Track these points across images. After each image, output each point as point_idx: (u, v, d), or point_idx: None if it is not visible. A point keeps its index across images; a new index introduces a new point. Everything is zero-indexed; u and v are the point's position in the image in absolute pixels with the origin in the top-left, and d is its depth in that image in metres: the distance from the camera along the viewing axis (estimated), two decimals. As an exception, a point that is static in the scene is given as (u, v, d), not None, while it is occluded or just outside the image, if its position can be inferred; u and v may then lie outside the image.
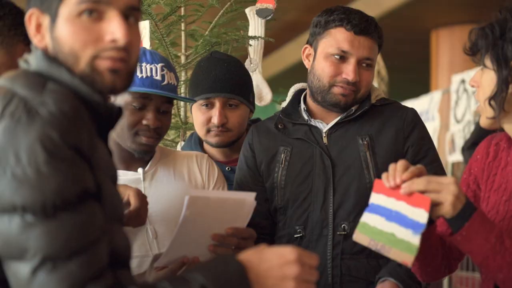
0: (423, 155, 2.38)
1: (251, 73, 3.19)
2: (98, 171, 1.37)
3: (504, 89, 1.76)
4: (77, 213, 1.29)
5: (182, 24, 3.43)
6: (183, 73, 3.40)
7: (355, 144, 2.43)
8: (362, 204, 2.34)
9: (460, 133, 7.04)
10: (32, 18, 1.45)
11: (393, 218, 1.68)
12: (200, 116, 2.68)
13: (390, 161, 2.34)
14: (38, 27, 1.45)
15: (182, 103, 3.41)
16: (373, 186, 1.73)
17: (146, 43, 3.03)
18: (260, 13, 3.19)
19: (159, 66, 2.29)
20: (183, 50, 3.43)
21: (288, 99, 2.64)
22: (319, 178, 2.43)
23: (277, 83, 2.57)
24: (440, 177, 1.70)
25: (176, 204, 2.30)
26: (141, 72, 2.25)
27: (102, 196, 1.37)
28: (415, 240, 1.65)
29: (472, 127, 5.85)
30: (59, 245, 1.27)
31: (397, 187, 1.69)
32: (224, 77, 2.65)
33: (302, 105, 2.54)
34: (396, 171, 1.70)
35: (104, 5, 1.41)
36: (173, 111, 3.42)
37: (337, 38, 2.41)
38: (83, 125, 1.36)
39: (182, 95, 3.29)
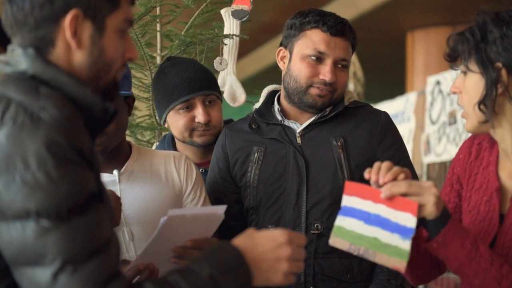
0: (396, 159, 2.37)
1: (225, 75, 3.19)
2: (98, 174, 1.39)
3: (493, 91, 1.76)
4: (89, 215, 1.31)
5: (158, 25, 3.41)
6: (158, 74, 3.37)
7: (328, 145, 2.44)
8: (335, 205, 2.37)
9: (435, 134, 7.09)
10: (74, 21, 1.43)
11: (373, 222, 1.66)
12: (181, 120, 2.66)
13: (363, 163, 2.38)
14: (78, 31, 1.44)
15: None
16: (344, 188, 1.71)
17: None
18: (235, 14, 3.18)
19: None
20: (158, 51, 3.41)
21: (261, 100, 2.65)
22: (293, 178, 2.43)
23: (253, 84, 2.57)
24: (419, 181, 1.71)
25: (153, 205, 2.29)
26: None
27: (103, 198, 1.39)
28: (405, 245, 1.63)
29: (447, 129, 5.88)
30: (77, 248, 1.28)
31: (374, 189, 1.69)
32: (197, 76, 2.65)
33: (276, 106, 2.54)
34: (381, 170, 1.70)
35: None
36: (148, 112, 3.41)
37: (313, 39, 2.42)
38: (83, 129, 1.38)
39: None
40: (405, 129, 7.57)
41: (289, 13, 2.70)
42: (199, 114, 2.64)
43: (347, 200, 1.69)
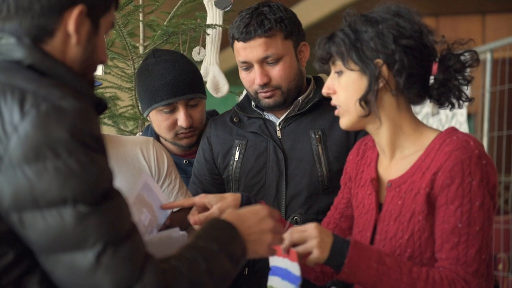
0: None
1: (208, 65, 3.17)
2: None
3: (375, 86, 1.84)
4: (117, 199, 1.38)
5: (140, 15, 3.39)
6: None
7: (307, 138, 2.45)
8: (313, 197, 2.41)
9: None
10: (79, 17, 1.46)
11: (285, 276, 1.79)
12: (164, 122, 2.65)
13: (341, 155, 2.39)
14: (81, 27, 1.47)
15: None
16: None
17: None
18: (218, 4, 3.17)
19: None
20: (141, 41, 3.39)
21: (245, 91, 2.65)
22: (272, 172, 2.45)
23: (236, 75, 2.56)
24: (302, 226, 1.80)
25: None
26: None
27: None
28: None
29: (430, 119, 5.90)
30: (115, 230, 1.34)
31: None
32: (180, 79, 2.61)
33: (253, 102, 2.55)
34: None
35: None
36: (131, 102, 3.39)
37: (236, 51, 2.47)
38: (97, 118, 1.42)
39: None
40: (389, 120, 7.56)
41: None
42: (181, 119, 2.62)
43: (272, 260, 1.81)
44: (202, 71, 3.08)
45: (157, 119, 2.66)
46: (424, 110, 6.93)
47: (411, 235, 1.83)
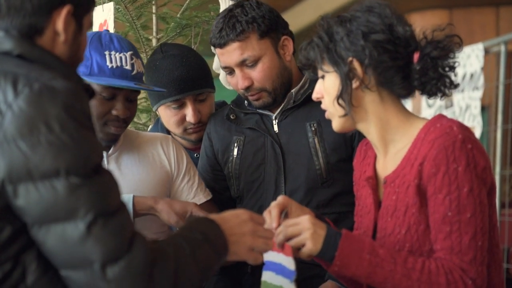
0: None
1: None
2: None
3: (348, 84, 1.83)
4: (107, 174, 1.43)
5: (153, 7, 3.40)
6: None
7: (303, 131, 2.42)
8: (313, 191, 2.38)
9: (431, 118, 7.08)
10: (67, 16, 1.52)
11: (279, 271, 1.78)
12: (172, 117, 2.64)
13: (339, 146, 2.37)
14: (68, 26, 1.53)
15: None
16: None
17: (111, 25, 2.98)
18: (231, -4, 3.16)
19: (128, 54, 2.26)
20: (154, 33, 3.40)
21: None
22: (271, 167, 2.43)
23: (249, 67, 2.55)
24: (296, 218, 1.80)
25: (141, 187, 2.29)
26: (111, 61, 2.22)
27: None
28: (291, 287, 1.76)
29: (444, 112, 5.88)
30: (106, 202, 1.38)
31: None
32: (188, 75, 2.60)
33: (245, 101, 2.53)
34: (269, 221, 1.81)
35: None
36: (144, 95, 3.40)
37: (218, 57, 2.45)
38: (88, 98, 1.48)
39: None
40: (402, 113, 7.55)
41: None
42: (190, 115, 2.61)
43: (267, 255, 1.79)
44: (214, 64, 3.08)
45: (166, 114, 2.67)
46: (438, 103, 6.91)
47: (407, 229, 1.81)
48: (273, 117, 2.46)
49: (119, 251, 1.37)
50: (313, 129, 2.40)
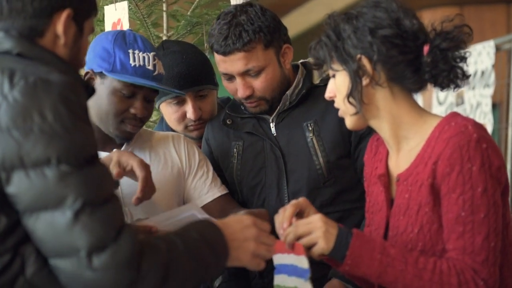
0: (367, 132, 2.27)
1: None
2: None
3: (358, 82, 1.82)
4: (99, 166, 1.46)
5: (164, 5, 3.40)
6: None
7: (301, 131, 2.39)
8: (315, 192, 2.36)
9: (442, 115, 7.05)
10: (67, 19, 1.57)
11: (292, 272, 1.77)
12: (173, 114, 2.64)
13: (337, 143, 2.35)
14: (68, 29, 1.58)
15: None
16: (275, 248, 1.77)
17: (125, 24, 2.99)
18: (242, -7, 3.16)
19: (151, 55, 2.27)
20: (164, 31, 3.40)
21: None
22: (272, 170, 2.41)
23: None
24: (307, 218, 1.79)
25: None
26: (134, 60, 2.23)
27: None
28: (306, 286, 1.74)
29: (455, 109, 5.87)
30: (95, 192, 1.41)
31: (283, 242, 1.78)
32: (188, 71, 2.59)
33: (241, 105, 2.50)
34: (282, 219, 1.80)
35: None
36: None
37: (216, 62, 2.40)
38: (84, 92, 1.51)
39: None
40: (412, 110, 7.51)
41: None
42: (190, 111, 2.60)
43: (277, 258, 1.78)
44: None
45: (167, 111, 2.67)
46: (448, 100, 6.89)
47: (420, 228, 1.80)
48: (270, 120, 2.44)
49: (105, 240, 1.39)
50: (311, 128, 2.38)
